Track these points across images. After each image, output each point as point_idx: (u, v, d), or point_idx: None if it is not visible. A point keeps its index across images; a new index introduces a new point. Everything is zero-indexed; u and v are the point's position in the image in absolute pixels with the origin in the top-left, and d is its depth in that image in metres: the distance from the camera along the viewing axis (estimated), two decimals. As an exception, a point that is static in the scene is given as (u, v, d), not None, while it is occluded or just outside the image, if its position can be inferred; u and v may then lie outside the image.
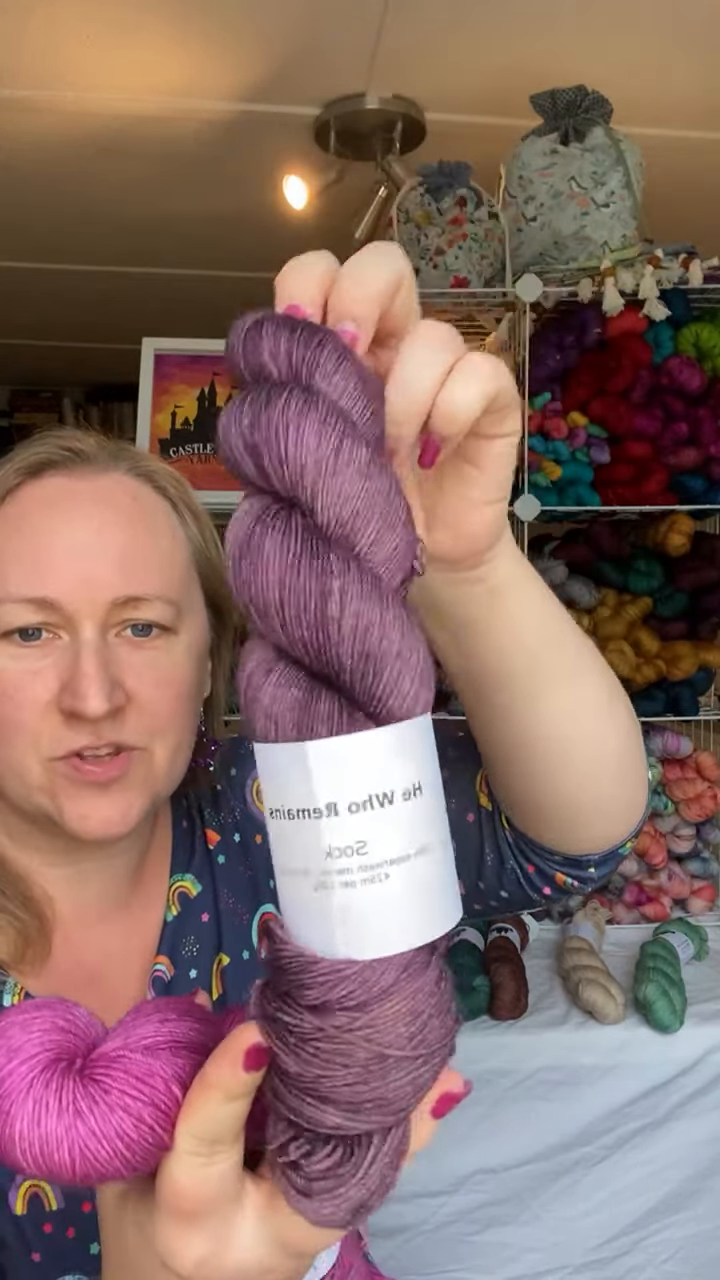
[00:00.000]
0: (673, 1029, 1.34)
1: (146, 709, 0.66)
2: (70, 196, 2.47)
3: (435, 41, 1.80)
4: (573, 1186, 1.35)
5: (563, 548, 1.73)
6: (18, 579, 0.64)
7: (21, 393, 5.07)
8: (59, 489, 0.67)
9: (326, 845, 0.32)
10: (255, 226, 2.65)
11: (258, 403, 0.34)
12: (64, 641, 0.65)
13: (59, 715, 0.64)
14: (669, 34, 1.78)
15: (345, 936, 0.32)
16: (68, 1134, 0.37)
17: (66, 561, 0.64)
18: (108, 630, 0.65)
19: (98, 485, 0.68)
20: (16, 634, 0.64)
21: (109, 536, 0.66)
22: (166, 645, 0.68)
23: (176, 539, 0.71)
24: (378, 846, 0.32)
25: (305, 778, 0.32)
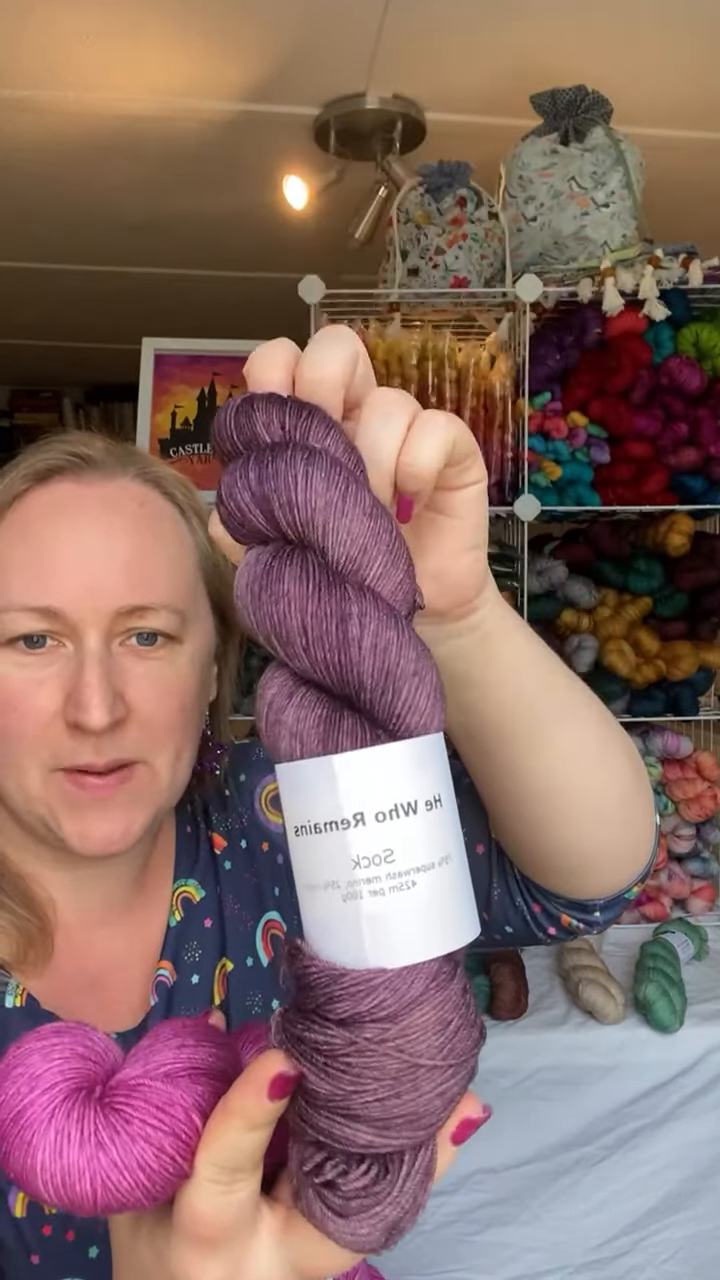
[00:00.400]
0: (673, 1029, 1.34)
1: (147, 722, 0.65)
2: (70, 196, 2.47)
3: (435, 41, 1.80)
4: (573, 1186, 1.35)
5: (563, 548, 1.73)
6: (22, 587, 0.64)
7: (21, 393, 5.07)
8: (66, 495, 0.67)
9: (355, 855, 0.33)
10: (255, 226, 2.65)
11: (263, 460, 0.37)
12: (68, 650, 0.64)
13: (63, 725, 0.63)
14: (669, 34, 1.78)
15: (375, 945, 0.33)
16: (89, 1165, 0.37)
17: (71, 569, 0.64)
18: (112, 639, 0.65)
19: (105, 491, 0.68)
20: (21, 642, 0.64)
21: (115, 544, 0.65)
22: (170, 655, 0.67)
23: (184, 545, 0.71)
24: (404, 854, 0.33)
25: (332, 790, 0.33)
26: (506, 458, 1.61)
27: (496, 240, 1.67)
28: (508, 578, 1.63)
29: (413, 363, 1.58)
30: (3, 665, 0.64)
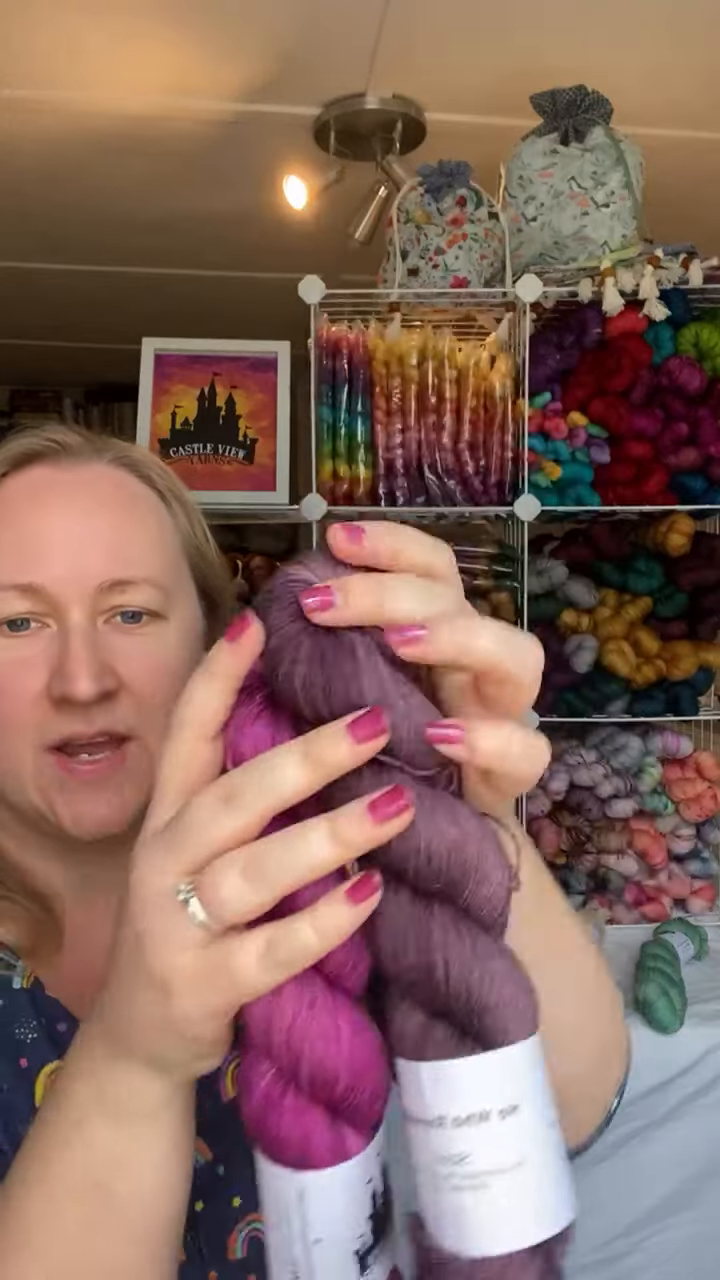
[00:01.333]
0: (673, 1029, 1.34)
1: (139, 693, 0.65)
2: (70, 196, 2.47)
3: (435, 41, 1.80)
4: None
5: (563, 548, 1.73)
6: (5, 568, 0.64)
7: (21, 393, 5.08)
8: (43, 479, 0.67)
9: (437, 1152, 0.37)
10: (255, 226, 2.65)
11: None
12: (53, 630, 0.64)
13: (49, 704, 0.63)
14: (669, 34, 1.78)
15: (455, 1234, 0.37)
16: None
17: (52, 548, 0.64)
18: (97, 616, 0.65)
19: (82, 474, 0.68)
20: (5, 624, 0.64)
21: (94, 523, 0.66)
22: (157, 631, 0.68)
23: (163, 526, 0.71)
24: (477, 1158, 0.36)
25: (420, 1092, 0.37)
26: (506, 458, 1.61)
27: (496, 240, 1.67)
28: (508, 578, 1.63)
29: (413, 363, 1.58)
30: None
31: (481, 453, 1.61)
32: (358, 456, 1.59)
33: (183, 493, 0.75)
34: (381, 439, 1.59)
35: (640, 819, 1.70)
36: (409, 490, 1.60)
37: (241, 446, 1.68)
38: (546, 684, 1.65)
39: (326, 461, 1.60)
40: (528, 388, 1.59)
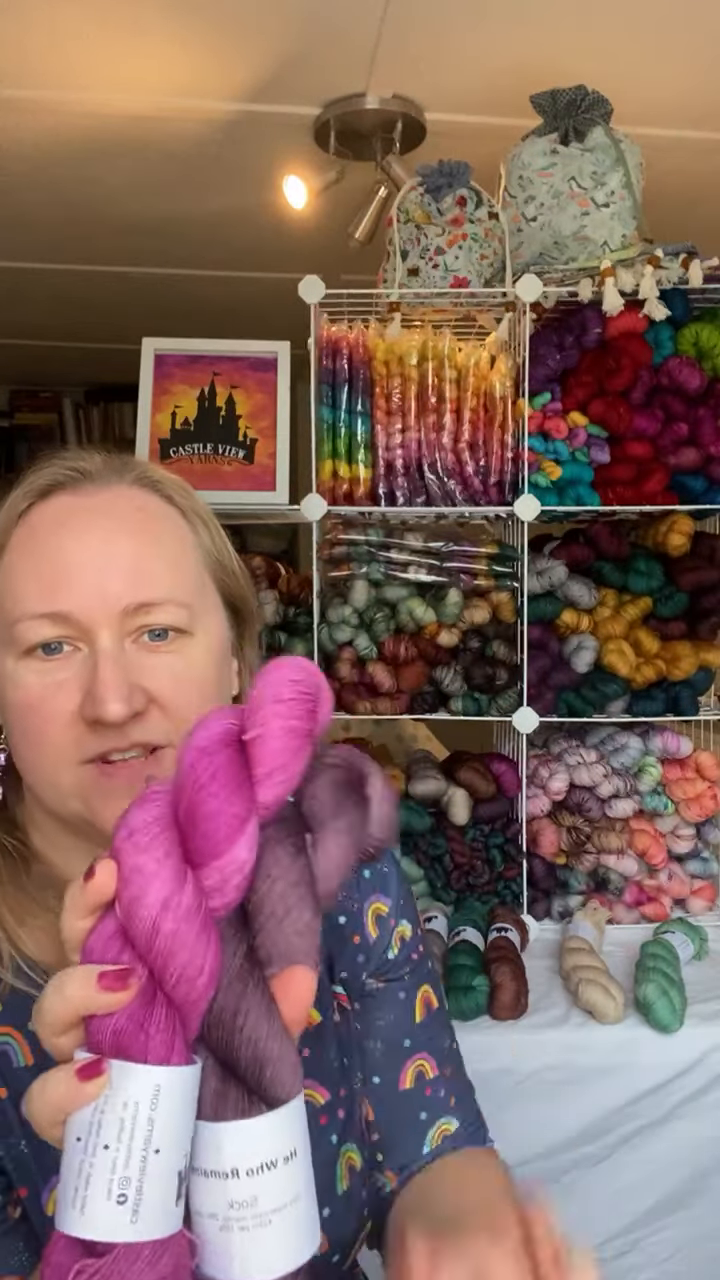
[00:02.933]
0: (673, 1029, 1.34)
1: (170, 708, 0.68)
2: (70, 196, 2.47)
3: (435, 41, 1.80)
4: (573, 1186, 1.35)
5: (563, 548, 1.73)
6: (33, 597, 0.67)
7: (21, 393, 5.07)
8: (66, 507, 0.70)
9: (230, 1198, 0.44)
10: (255, 226, 2.65)
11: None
12: (84, 652, 0.67)
13: (83, 724, 0.66)
14: (669, 34, 1.78)
15: (241, 1266, 0.44)
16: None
17: (77, 575, 0.67)
18: (124, 638, 0.68)
19: (102, 499, 0.71)
20: (39, 649, 0.67)
21: (116, 547, 0.68)
22: (183, 647, 0.70)
23: (184, 543, 0.73)
24: (264, 1200, 0.44)
25: (218, 1149, 0.45)
26: (506, 458, 1.61)
27: (496, 240, 1.67)
28: (508, 578, 1.63)
29: (413, 363, 1.58)
30: (23, 674, 0.67)
31: (481, 453, 1.61)
32: (358, 456, 1.59)
33: (203, 509, 0.77)
34: (381, 439, 1.59)
35: (640, 819, 1.70)
36: (409, 490, 1.60)
37: (241, 446, 1.68)
38: (546, 684, 1.65)
39: (326, 461, 1.60)
40: (528, 388, 1.59)
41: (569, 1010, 1.40)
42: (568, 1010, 1.40)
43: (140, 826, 0.47)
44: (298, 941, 0.49)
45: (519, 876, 1.63)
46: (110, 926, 0.46)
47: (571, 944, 1.52)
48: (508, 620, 1.64)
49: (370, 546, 1.61)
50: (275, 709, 0.49)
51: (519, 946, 1.51)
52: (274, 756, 0.49)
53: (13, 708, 0.68)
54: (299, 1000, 0.49)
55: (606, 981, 1.40)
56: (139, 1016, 0.45)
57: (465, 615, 1.62)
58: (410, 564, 1.61)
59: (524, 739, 1.62)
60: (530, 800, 1.67)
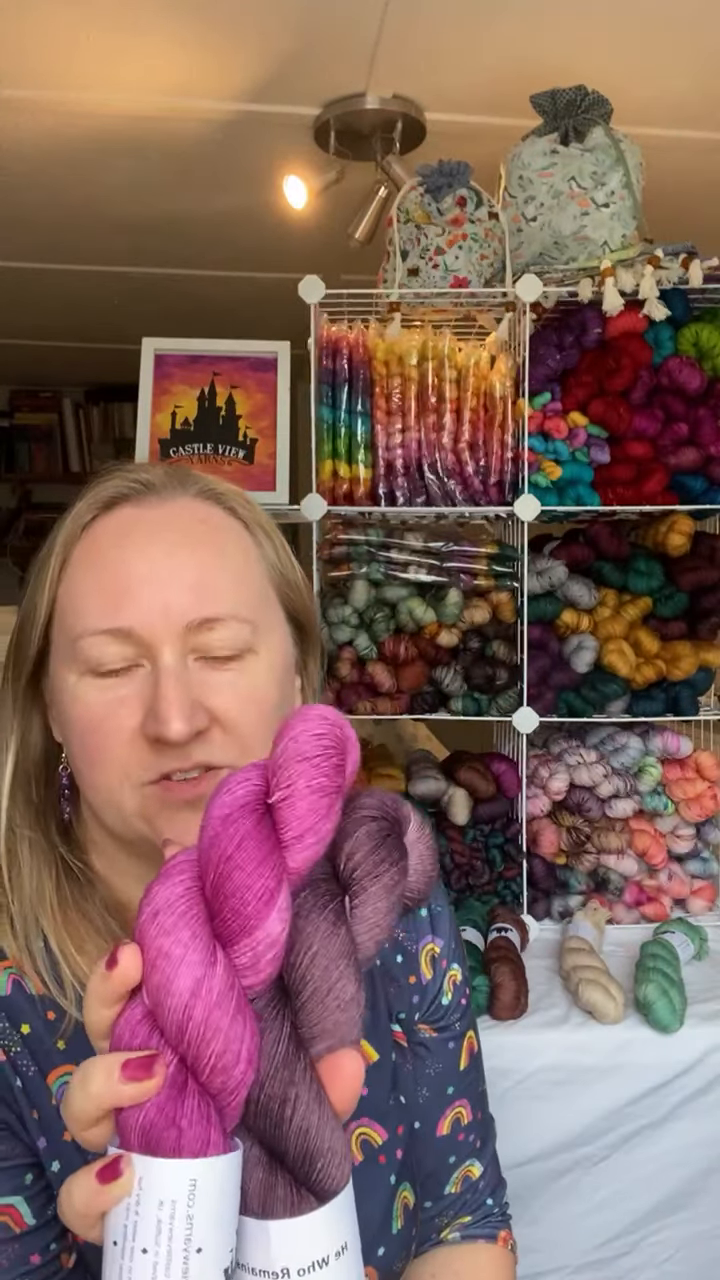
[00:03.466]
0: (673, 1029, 1.34)
1: (232, 728, 0.66)
2: (70, 196, 2.47)
3: (435, 41, 1.80)
4: (573, 1186, 1.35)
5: (562, 548, 1.73)
6: (96, 612, 0.65)
7: (21, 393, 5.08)
8: (129, 519, 0.68)
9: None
10: (255, 226, 2.65)
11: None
12: (145, 669, 0.65)
13: (144, 742, 0.64)
14: (669, 34, 1.78)
15: None
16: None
17: (140, 590, 0.65)
18: (186, 654, 0.66)
19: (166, 512, 0.69)
20: (100, 666, 0.65)
21: (180, 561, 0.67)
22: (247, 664, 0.68)
23: (248, 557, 0.72)
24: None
25: (267, 1248, 0.43)
26: (506, 458, 1.61)
27: (496, 240, 1.67)
28: (508, 578, 1.63)
29: (413, 363, 1.58)
30: (85, 690, 0.65)
31: (481, 453, 1.61)
32: (358, 456, 1.59)
33: (266, 520, 0.75)
34: (381, 439, 1.59)
35: (640, 819, 1.70)
36: (409, 490, 1.60)
37: (241, 446, 1.68)
38: (546, 684, 1.65)
39: (326, 461, 1.60)
40: (528, 388, 1.59)
41: (569, 1010, 1.40)
42: (568, 1010, 1.40)
43: (164, 905, 0.44)
44: (342, 1018, 0.46)
45: (519, 876, 1.63)
46: (138, 1012, 0.44)
47: (571, 944, 1.51)
48: (508, 620, 1.64)
49: (370, 546, 1.61)
50: (301, 768, 0.46)
51: (519, 946, 1.51)
52: (302, 819, 0.46)
53: (74, 725, 0.67)
54: (348, 1085, 0.46)
55: (606, 981, 1.40)
56: (169, 1109, 0.41)
57: (465, 615, 1.62)
58: (410, 564, 1.61)
59: (524, 739, 1.62)
60: (530, 800, 1.67)
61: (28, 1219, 0.63)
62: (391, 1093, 0.79)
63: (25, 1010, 0.67)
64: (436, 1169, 0.85)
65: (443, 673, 1.62)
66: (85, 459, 5.14)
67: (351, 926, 0.48)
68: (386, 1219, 0.75)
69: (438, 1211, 0.85)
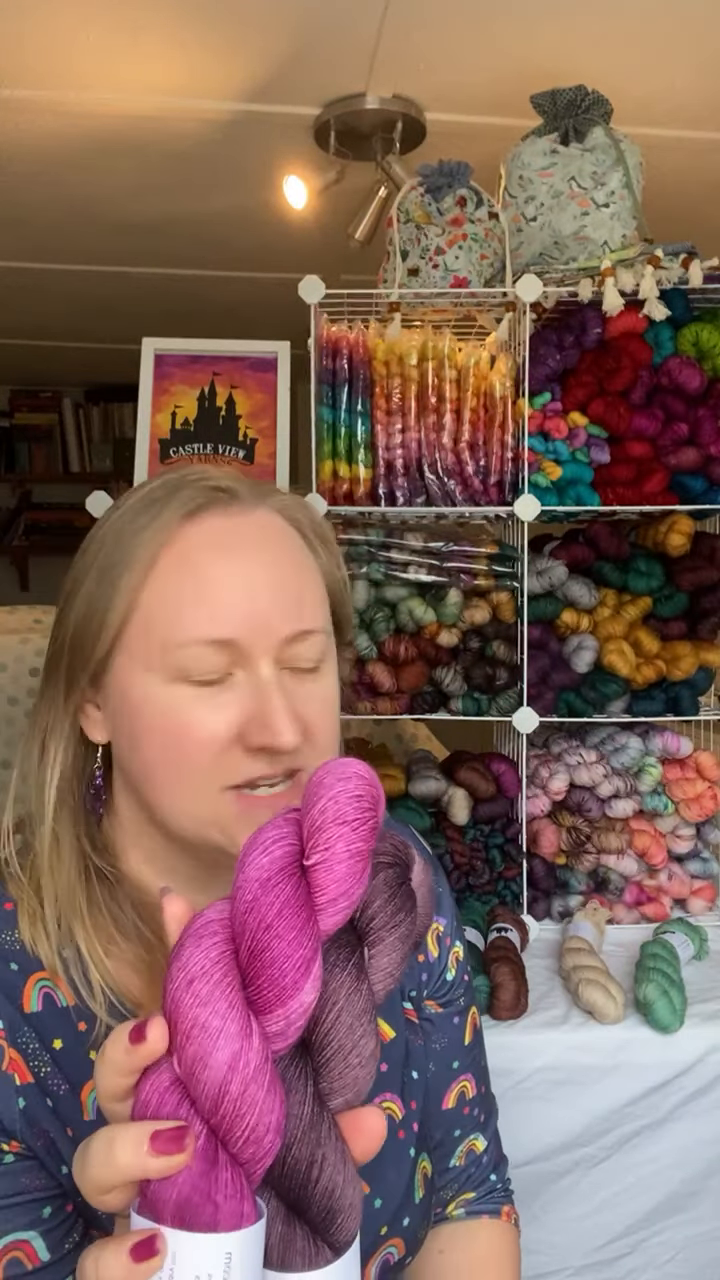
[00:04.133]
0: (673, 1029, 1.34)
1: (317, 736, 0.68)
2: (70, 196, 2.47)
3: (435, 41, 1.80)
4: (573, 1187, 1.35)
5: (562, 548, 1.73)
6: (193, 620, 0.65)
7: (21, 393, 5.08)
8: (220, 529, 0.69)
9: None
10: (255, 226, 2.65)
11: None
12: (239, 678, 0.66)
13: (239, 750, 0.65)
14: (669, 34, 1.78)
15: None
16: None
17: (240, 601, 0.66)
18: (279, 665, 0.67)
19: (251, 522, 0.70)
20: (197, 675, 0.66)
21: (276, 573, 0.68)
22: (324, 674, 0.71)
23: (316, 570, 0.73)
24: None
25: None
26: (506, 458, 1.61)
27: (496, 240, 1.67)
28: (508, 578, 1.63)
29: (413, 363, 1.58)
30: (178, 697, 0.65)
31: (481, 453, 1.61)
32: (358, 456, 1.59)
33: (327, 533, 0.77)
34: (381, 439, 1.59)
35: (640, 819, 1.70)
36: (409, 490, 1.60)
37: (241, 446, 1.68)
38: (546, 684, 1.65)
39: (326, 461, 1.60)
40: (528, 388, 1.59)
41: (569, 1010, 1.40)
42: (568, 1010, 1.40)
43: (199, 973, 0.43)
44: (362, 1074, 0.46)
45: (519, 876, 1.63)
46: (166, 1078, 0.42)
47: (572, 944, 1.51)
48: (508, 620, 1.64)
49: (370, 546, 1.61)
50: (339, 831, 0.46)
51: (519, 946, 1.51)
52: (339, 884, 0.45)
53: (155, 732, 0.66)
54: (371, 1142, 0.46)
55: (606, 981, 1.40)
56: (203, 1184, 0.40)
57: (465, 615, 1.62)
58: (410, 564, 1.61)
59: (524, 739, 1.62)
60: (530, 800, 1.67)
61: (42, 1255, 0.61)
62: (405, 1068, 0.81)
63: (56, 1026, 0.67)
64: (442, 1142, 0.87)
65: (443, 673, 1.62)
66: (85, 459, 5.14)
67: (369, 975, 0.48)
68: (409, 1190, 0.77)
69: (443, 1185, 0.87)
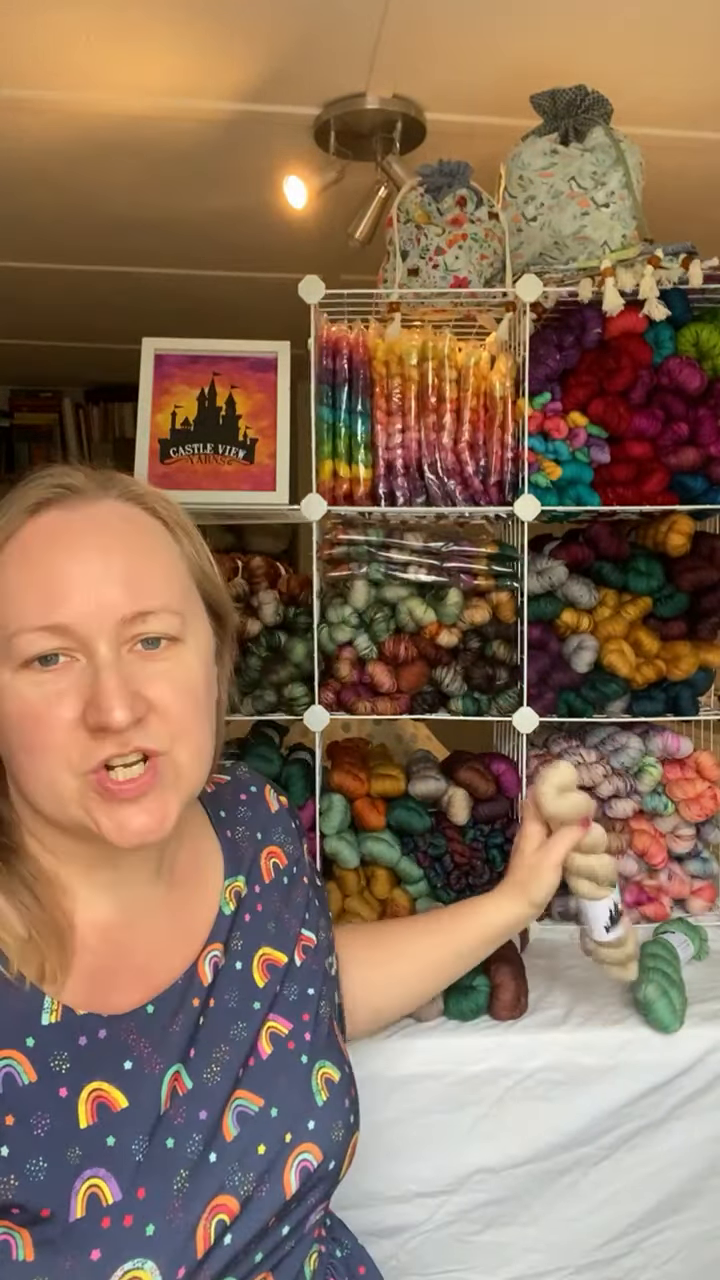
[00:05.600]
0: (673, 1029, 1.34)
1: (166, 714, 0.71)
2: (70, 196, 2.47)
3: (435, 41, 1.80)
4: (573, 1187, 1.35)
5: (563, 548, 1.73)
6: (32, 610, 0.69)
7: (21, 393, 5.08)
8: (58, 522, 0.72)
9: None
10: (255, 226, 2.65)
11: None
12: (81, 663, 0.69)
13: (85, 731, 0.68)
14: (669, 33, 1.78)
15: None
16: None
17: (74, 588, 0.69)
18: (120, 646, 0.70)
19: (92, 513, 0.73)
20: (36, 661, 0.68)
21: (111, 559, 0.71)
22: (177, 654, 0.73)
23: (171, 553, 0.76)
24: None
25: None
26: (506, 458, 1.61)
27: (497, 240, 1.67)
28: (508, 578, 1.63)
29: (413, 363, 1.58)
30: (22, 686, 0.69)
31: (481, 453, 1.61)
32: (358, 456, 1.59)
33: (185, 520, 0.80)
34: (381, 439, 1.59)
35: (640, 819, 1.70)
36: (409, 490, 1.60)
37: (241, 446, 1.68)
38: (546, 684, 1.65)
39: (326, 461, 1.60)
40: (528, 388, 1.59)
41: (569, 1010, 1.40)
42: (568, 1010, 1.40)
43: None
44: None
45: (519, 876, 1.63)
46: None
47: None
48: (508, 620, 1.64)
49: (370, 546, 1.61)
50: None
51: (519, 946, 1.51)
52: None
53: (10, 719, 0.69)
54: None
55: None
56: None
57: (465, 615, 1.62)
58: (410, 564, 1.61)
59: (524, 739, 1.62)
60: (530, 800, 1.67)
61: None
62: (296, 988, 0.86)
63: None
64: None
65: (443, 673, 1.62)
66: (85, 459, 5.13)
67: None
68: (307, 1095, 0.81)
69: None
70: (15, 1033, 0.68)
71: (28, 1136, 0.66)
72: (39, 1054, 0.68)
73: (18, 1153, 0.65)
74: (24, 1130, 0.66)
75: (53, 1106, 0.67)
